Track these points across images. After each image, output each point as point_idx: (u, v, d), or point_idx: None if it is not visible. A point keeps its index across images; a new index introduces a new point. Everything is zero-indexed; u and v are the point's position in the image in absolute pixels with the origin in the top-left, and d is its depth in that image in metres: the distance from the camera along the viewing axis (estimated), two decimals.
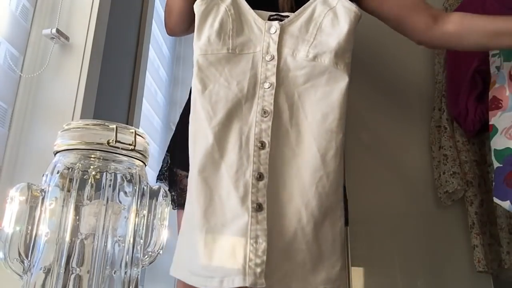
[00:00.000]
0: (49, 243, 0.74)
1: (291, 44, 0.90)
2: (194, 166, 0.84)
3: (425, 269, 1.57)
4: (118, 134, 0.79)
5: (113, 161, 0.80)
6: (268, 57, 0.89)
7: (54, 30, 1.09)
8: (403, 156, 1.69)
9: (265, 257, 0.76)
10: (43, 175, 0.79)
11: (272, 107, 0.85)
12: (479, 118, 1.48)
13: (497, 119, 1.20)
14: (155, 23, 1.70)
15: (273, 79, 0.87)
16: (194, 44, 0.91)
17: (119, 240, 0.78)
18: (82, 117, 1.07)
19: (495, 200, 1.16)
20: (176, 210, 1.08)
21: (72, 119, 1.07)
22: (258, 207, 0.79)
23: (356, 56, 0.99)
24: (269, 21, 0.92)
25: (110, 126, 0.80)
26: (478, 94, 1.49)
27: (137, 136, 0.82)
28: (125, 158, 0.81)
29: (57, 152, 0.81)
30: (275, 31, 0.90)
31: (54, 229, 0.74)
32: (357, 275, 1.54)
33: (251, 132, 0.84)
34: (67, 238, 0.74)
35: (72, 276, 0.73)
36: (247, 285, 0.74)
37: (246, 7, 0.93)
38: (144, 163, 0.86)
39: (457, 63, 1.60)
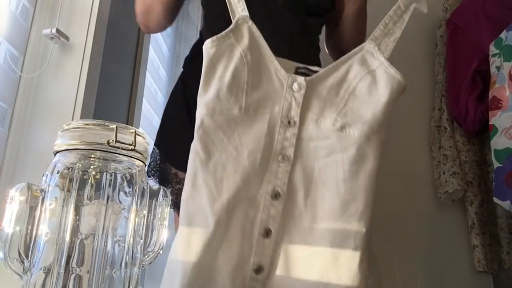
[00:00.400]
0: (49, 243, 0.74)
1: (317, 107, 0.74)
2: (188, 254, 0.71)
3: (425, 269, 1.57)
4: (118, 134, 0.79)
5: (113, 161, 0.80)
6: (287, 122, 0.73)
7: (54, 30, 1.09)
8: (403, 156, 1.69)
9: None
10: (43, 175, 0.79)
11: (285, 188, 0.72)
12: (479, 118, 1.48)
13: (497, 119, 1.20)
14: None
15: (290, 151, 0.73)
16: (199, 96, 0.74)
17: (119, 240, 0.78)
18: (82, 117, 1.07)
19: (495, 200, 1.16)
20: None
21: (72, 119, 1.07)
22: None
23: (381, 157, 0.95)
24: (293, 75, 0.75)
25: (110, 126, 0.80)
26: (478, 94, 1.49)
27: (137, 136, 0.82)
28: (125, 158, 0.81)
29: (57, 152, 0.81)
30: (300, 89, 0.73)
31: (54, 229, 0.74)
32: None
33: (257, 217, 0.72)
34: (67, 238, 0.74)
35: (72, 276, 0.73)
36: None
37: (267, 53, 0.75)
38: (144, 163, 0.86)
39: (457, 63, 1.60)
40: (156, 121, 1.83)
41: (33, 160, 1.05)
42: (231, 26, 0.75)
